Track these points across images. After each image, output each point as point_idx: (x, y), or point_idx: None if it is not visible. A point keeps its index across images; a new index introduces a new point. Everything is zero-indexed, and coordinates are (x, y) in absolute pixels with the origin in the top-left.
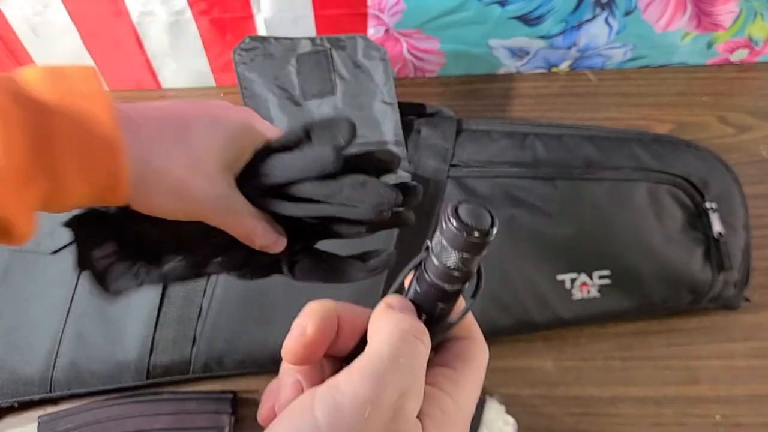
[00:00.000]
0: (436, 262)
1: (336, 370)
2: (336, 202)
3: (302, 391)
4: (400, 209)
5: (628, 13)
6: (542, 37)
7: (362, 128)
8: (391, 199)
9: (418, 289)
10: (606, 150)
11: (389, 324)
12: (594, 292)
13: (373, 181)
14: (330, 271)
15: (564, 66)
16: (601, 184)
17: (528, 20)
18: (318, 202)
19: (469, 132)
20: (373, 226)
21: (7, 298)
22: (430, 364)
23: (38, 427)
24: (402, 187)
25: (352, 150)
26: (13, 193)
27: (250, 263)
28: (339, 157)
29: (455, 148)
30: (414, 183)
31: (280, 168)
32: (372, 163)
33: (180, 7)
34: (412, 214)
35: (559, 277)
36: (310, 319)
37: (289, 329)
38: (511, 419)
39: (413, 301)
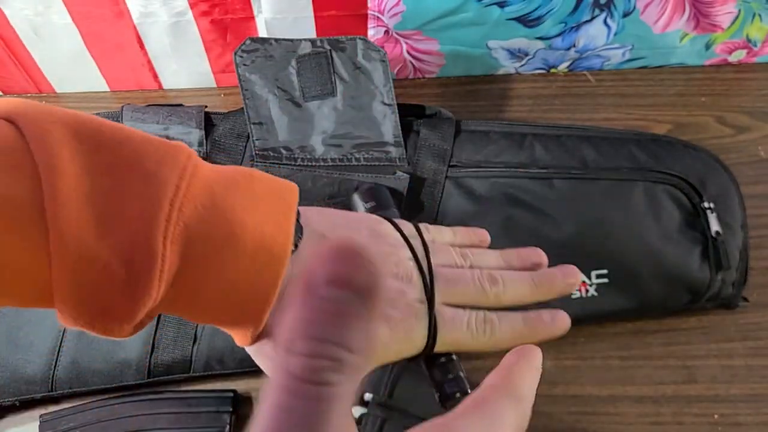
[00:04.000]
0: None
1: None
2: None
3: None
4: None
5: (626, 14)
6: (541, 38)
7: (362, 129)
8: None
9: None
10: (604, 150)
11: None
12: (592, 292)
13: None
14: None
15: (563, 67)
16: (599, 184)
17: (527, 21)
18: None
19: (467, 133)
20: None
21: None
22: None
23: (40, 426)
24: None
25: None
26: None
27: None
28: None
29: (454, 148)
30: None
31: None
32: None
33: (181, 9)
34: None
35: None
36: None
37: None
38: None
39: None
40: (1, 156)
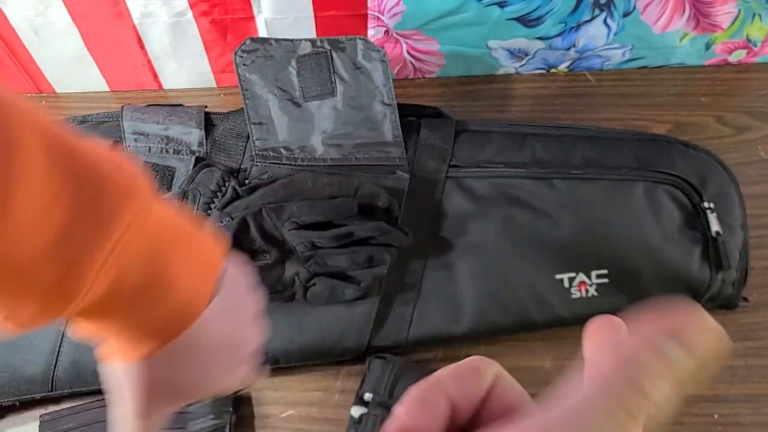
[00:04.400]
0: None
1: None
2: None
3: None
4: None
5: (626, 14)
6: (541, 38)
7: (362, 129)
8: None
9: None
10: (604, 150)
11: None
12: (592, 292)
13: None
14: (331, 293)
15: (563, 67)
16: (599, 184)
17: (527, 21)
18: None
19: (468, 133)
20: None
21: None
22: None
23: (40, 426)
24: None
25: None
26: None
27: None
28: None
29: (454, 148)
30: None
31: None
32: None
33: (181, 8)
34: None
35: (558, 276)
36: (402, 405)
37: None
38: None
39: None
40: None
